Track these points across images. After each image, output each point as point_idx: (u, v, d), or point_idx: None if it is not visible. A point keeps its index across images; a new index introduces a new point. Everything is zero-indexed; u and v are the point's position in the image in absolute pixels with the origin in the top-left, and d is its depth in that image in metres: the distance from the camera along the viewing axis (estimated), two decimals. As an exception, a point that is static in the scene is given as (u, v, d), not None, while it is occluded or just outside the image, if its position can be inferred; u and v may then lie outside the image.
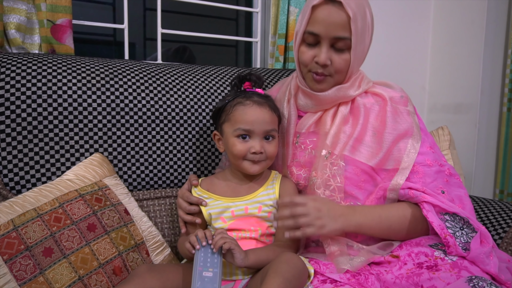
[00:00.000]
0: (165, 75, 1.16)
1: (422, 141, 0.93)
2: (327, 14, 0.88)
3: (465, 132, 1.94)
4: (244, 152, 0.91)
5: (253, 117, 0.91)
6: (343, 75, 0.94)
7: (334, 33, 0.89)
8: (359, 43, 0.90)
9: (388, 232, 0.89)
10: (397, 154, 0.91)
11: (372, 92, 0.98)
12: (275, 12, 1.56)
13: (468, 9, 1.89)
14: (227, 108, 0.95)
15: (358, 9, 0.88)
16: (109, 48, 1.62)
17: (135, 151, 1.09)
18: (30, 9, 1.14)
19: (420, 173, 0.90)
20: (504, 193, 1.90)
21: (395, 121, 0.93)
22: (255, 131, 0.91)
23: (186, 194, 0.97)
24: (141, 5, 1.60)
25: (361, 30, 0.90)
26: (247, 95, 0.95)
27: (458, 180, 0.97)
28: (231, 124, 0.93)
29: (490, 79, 1.90)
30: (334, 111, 0.97)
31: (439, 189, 0.90)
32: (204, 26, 1.74)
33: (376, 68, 1.91)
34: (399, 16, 1.97)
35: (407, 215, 0.89)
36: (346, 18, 0.87)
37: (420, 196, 0.88)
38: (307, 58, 0.93)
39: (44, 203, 0.86)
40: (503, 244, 1.05)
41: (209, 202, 0.95)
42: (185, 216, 0.96)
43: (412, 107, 0.97)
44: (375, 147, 0.93)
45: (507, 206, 1.16)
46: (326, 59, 0.90)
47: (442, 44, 2.03)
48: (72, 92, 1.01)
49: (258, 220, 0.93)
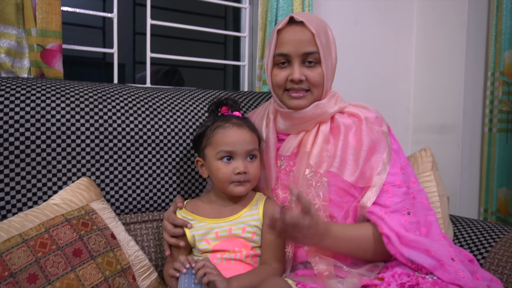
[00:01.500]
0: (153, 99, 1.18)
1: (393, 162, 0.96)
2: (292, 34, 0.95)
3: (449, 152, 1.98)
4: (229, 174, 0.93)
5: (234, 138, 0.93)
6: (319, 90, 0.98)
7: (302, 49, 0.95)
8: (327, 56, 0.97)
9: (356, 252, 0.92)
10: (369, 173, 0.94)
11: (348, 112, 1.02)
12: (262, 37, 1.60)
13: (449, 33, 1.96)
14: (207, 133, 0.96)
15: (319, 27, 0.96)
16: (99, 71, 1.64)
17: (122, 175, 1.09)
18: (20, 34, 1.15)
19: (390, 193, 0.93)
20: (488, 211, 1.93)
21: (370, 140, 0.96)
22: (237, 151, 0.93)
23: (172, 216, 0.98)
24: (131, 29, 1.63)
25: (326, 44, 0.97)
26: (226, 118, 0.97)
27: (423, 203, 1.00)
28: (212, 147, 0.95)
29: (472, 100, 1.96)
30: (315, 130, 1.00)
31: (406, 210, 0.92)
32: (193, 49, 1.77)
33: (362, 90, 1.96)
34: (383, 40, 2.04)
35: (376, 236, 0.91)
36: (310, 35, 0.95)
37: (379, 224, 0.89)
38: (281, 78, 0.98)
39: (30, 228, 0.86)
40: (486, 264, 1.07)
41: (193, 224, 0.95)
42: (169, 239, 0.97)
43: (386, 128, 1.00)
44: (354, 164, 0.95)
45: (489, 226, 1.19)
46: (300, 75, 0.95)
47: (425, 67, 2.09)
48: (61, 116, 1.02)
49: (243, 241, 0.94)
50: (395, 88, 2.11)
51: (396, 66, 2.10)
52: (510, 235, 1.12)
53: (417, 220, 0.94)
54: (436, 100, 2.05)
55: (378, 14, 2.01)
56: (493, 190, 1.91)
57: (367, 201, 0.92)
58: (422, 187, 1.04)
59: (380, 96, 2.05)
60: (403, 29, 2.10)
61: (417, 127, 2.14)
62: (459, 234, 1.20)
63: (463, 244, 1.16)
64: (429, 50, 2.07)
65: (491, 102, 1.91)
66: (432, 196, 1.20)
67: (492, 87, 1.90)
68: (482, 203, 1.95)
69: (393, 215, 0.91)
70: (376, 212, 0.90)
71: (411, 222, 0.91)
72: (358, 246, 0.91)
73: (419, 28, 2.11)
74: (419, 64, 2.12)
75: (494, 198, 1.91)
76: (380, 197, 0.92)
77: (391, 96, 2.10)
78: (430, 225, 0.97)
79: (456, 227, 1.24)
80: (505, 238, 1.11)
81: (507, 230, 1.15)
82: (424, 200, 1.01)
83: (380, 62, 2.04)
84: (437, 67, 2.03)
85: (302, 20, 0.95)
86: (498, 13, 1.85)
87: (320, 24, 0.97)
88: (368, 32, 1.98)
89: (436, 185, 1.21)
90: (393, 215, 0.91)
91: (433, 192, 1.20)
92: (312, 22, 0.95)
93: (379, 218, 0.89)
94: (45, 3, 1.13)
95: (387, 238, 0.87)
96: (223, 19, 1.86)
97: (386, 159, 0.94)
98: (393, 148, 0.99)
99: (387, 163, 0.94)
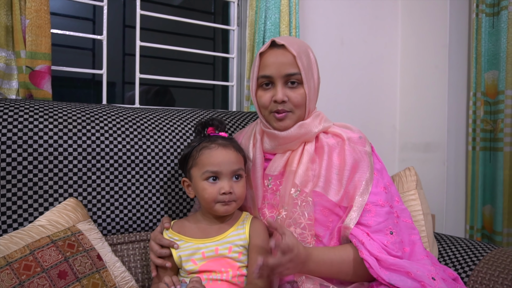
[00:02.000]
0: (141, 119, 1.19)
1: (376, 181, 0.98)
2: (274, 57, 0.99)
3: (434, 170, 2.01)
4: (215, 195, 0.94)
5: (219, 158, 0.95)
6: (302, 110, 1.01)
7: (284, 71, 0.98)
8: (308, 77, 0.99)
9: (337, 275, 0.92)
10: (352, 192, 0.95)
11: (332, 132, 1.04)
12: (250, 58, 1.63)
13: (432, 55, 2.03)
14: (193, 154, 0.98)
15: (301, 49, 0.99)
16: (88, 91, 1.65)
17: (110, 195, 1.09)
18: (9, 56, 1.17)
19: (372, 212, 0.94)
20: (474, 229, 1.96)
21: (353, 160, 0.97)
22: (222, 172, 0.94)
23: (159, 236, 0.98)
24: (120, 50, 1.65)
25: (307, 66, 0.99)
26: (212, 139, 0.99)
27: (406, 222, 1.01)
28: (198, 168, 0.96)
29: (455, 119, 2.01)
30: (301, 150, 1.02)
31: (389, 230, 0.94)
32: (183, 70, 1.80)
33: (349, 108, 2.00)
34: (369, 60, 2.09)
35: (356, 259, 0.91)
36: (291, 57, 0.98)
37: (359, 249, 0.90)
38: (266, 100, 1.00)
39: (14, 250, 0.85)
40: (470, 282, 1.09)
41: (180, 244, 0.95)
42: (156, 259, 0.97)
43: (369, 148, 1.01)
44: (338, 184, 0.97)
45: (473, 244, 1.21)
46: (283, 96, 0.98)
47: (410, 87, 2.15)
48: (48, 138, 1.02)
49: (229, 261, 0.94)
50: (381, 107, 2.15)
51: (382, 85, 2.15)
52: (493, 253, 1.14)
53: (400, 240, 0.95)
54: (421, 119, 2.09)
55: (363, 35, 2.07)
56: (478, 207, 1.94)
57: (350, 222, 0.93)
58: (405, 206, 1.05)
59: (367, 115, 2.09)
60: (388, 50, 2.16)
61: (403, 146, 2.18)
62: (444, 252, 1.21)
63: (448, 262, 1.18)
64: (413, 70, 2.13)
65: (473, 121, 1.96)
66: (417, 215, 1.22)
67: (474, 107, 1.96)
68: (468, 220, 1.97)
69: (376, 235, 0.92)
70: (358, 236, 0.91)
71: (394, 242, 0.93)
72: (339, 270, 0.91)
73: (403, 49, 2.18)
74: (404, 83, 2.18)
75: (479, 216, 1.94)
76: (363, 217, 0.93)
77: (378, 114, 2.14)
78: (413, 244, 0.98)
79: (441, 245, 1.25)
80: (488, 256, 1.13)
81: (490, 248, 1.17)
82: (407, 219, 1.02)
83: (367, 82, 2.09)
84: (421, 87, 2.09)
85: (283, 43, 0.98)
86: (478, 36, 1.92)
87: (301, 46, 1.00)
88: (354, 52, 2.03)
89: (421, 204, 1.23)
90: (376, 236, 0.92)
91: (417, 210, 1.22)
92: (293, 44, 0.98)
93: (359, 242, 0.90)
94: (35, 26, 1.15)
95: (367, 263, 0.88)
96: (212, 41, 1.90)
97: (368, 178, 0.96)
98: (376, 167, 1.01)
99: (369, 182, 0.96)
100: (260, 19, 1.59)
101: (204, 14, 1.86)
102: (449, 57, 1.96)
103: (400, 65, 2.19)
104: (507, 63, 1.83)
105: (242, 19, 1.76)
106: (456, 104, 2.01)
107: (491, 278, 1.06)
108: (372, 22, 2.09)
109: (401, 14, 2.17)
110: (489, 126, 1.95)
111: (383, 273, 0.86)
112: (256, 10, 1.61)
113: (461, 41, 2.01)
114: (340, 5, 1.97)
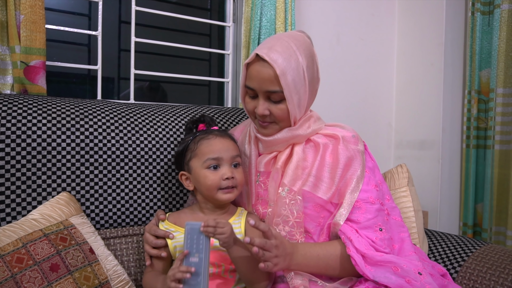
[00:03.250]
0: (135, 115, 1.20)
1: (367, 179, 0.98)
2: (257, 71, 0.95)
3: (429, 167, 2.03)
4: (217, 181, 0.96)
5: (218, 146, 0.98)
6: (286, 122, 1.00)
7: (265, 87, 0.95)
8: (293, 94, 0.95)
9: (326, 270, 0.93)
10: (343, 189, 0.97)
11: (324, 134, 1.04)
12: (246, 54, 1.64)
13: (428, 53, 2.03)
14: (191, 146, 1.00)
15: (288, 64, 0.93)
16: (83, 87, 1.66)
17: (103, 190, 1.10)
18: (4, 51, 1.17)
19: (363, 209, 0.95)
20: (467, 225, 1.97)
21: (346, 158, 0.98)
22: (223, 158, 0.97)
23: (153, 228, 1.00)
24: (116, 46, 1.65)
25: (292, 82, 0.94)
26: (207, 131, 1.02)
27: (396, 220, 1.02)
28: (198, 158, 0.98)
29: (450, 117, 2.02)
30: (289, 150, 1.02)
31: (378, 226, 0.95)
32: (178, 66, 1.81)
33: (345, 107, 2.01)
34: (365, 59, 2.10)
35: (343, 254, 0.93)
36: (274, 74, 0.93)
37: (347, 245, 0.91)
38: (250, 108, 1.01)
39: (7, 243, 0.87)
40: (458, 278, 1.10)
41: (175, 235, 0.97)
42: (151, 250, 0.98)
43: (362, 146, 1.02)
44: (330, 182, 0.98)
45: (462, 241, 1.22)
46: (263, 110, 0.97)
47: (406, 85, 2.16)
48: (42, 132, 1.03)
49: (223, 254, 0.95)
50: (377, 105, 2.16)
51: (378, 83, 2.16)
52: (482, 249, 1.15)
53: (390, 237, 0.96)
54: (416, 116, 2.10)
55: (360, 33, 2.07)
56: (470, 205, 1.95)
57: (340, 218, 0.94)
58: (396, 204, 1.07)
59: (363, 113, 2.10)
60: (384, 48, 2.17)
61: (398, 143, 2.19)
62: (434, 248, 1.23)
63: (438, 258, 1.19)
64: (409, 68, 2.14)
65: (468, 119, 1.97)
66: (408, 211, 1.23)
67: (469, 105, 1.96)
68: (461, 217, 1.99)
69: (364, 231, 0.93)
70: (346, 232, 0.92)
71: (383, 239, 0.94)
72: (326, 264, 0.93)
73: (399, 47, 2.18)
74: (400, 81, 2.19)
75: (472, 213, 1.96)
76: (353, 213, 0.95)
77: (374, 113, 2.15)
78: (402, 241, 0.99)
79: (431, 241, 1.27)
80: (477, 253, 1.14)
81: (479, 244, 1.18)
82: (397, 217, 1.03)
83: (363, 80, 2.09)
84: (417, 85, 2.10)
85: (266, 59, 0.92)
86: (473, 34, 1.93)
87: (288, 60, 0.93)
88: (350, 50, 2.04)
89: (412, 200, 1.25)
90: (364, 232, 0.93)
91: (408, 207, 1.24)
92: (278, 60, 0.92)
93: (348, 239, 0.91)
94: (30, 21, 1.16)
95: (354, 260, 0.89)
96: (208, 37, 1.91)
97: (359, 176, 0.97)
98: (369, 166, 1.02)
99: (360, 180, 0.97)
100: (256, 15, 1.59)
101: (200, 10, 1.87)
102: (445, 55, 1.97)
103: (396, 62, 2.19)
104: (498, 61, 1.84)
105: (238, 15, 1.77)
106: (451, 102, 2.02)
107: (479, 274, 1.07)
108: (369, 20, 2.09)
109: (397, 12, 2.18)
110: (483, 124, 1.96)
111: (368, 271, 0.88)
112: (252, 7, 1.62)
113: (456, 40, 2.02)
114: (336, 3, 1.98)
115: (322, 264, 0.92)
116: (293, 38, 0.99)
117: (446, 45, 1.96)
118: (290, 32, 1.07)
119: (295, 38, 0.99)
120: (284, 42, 0.96)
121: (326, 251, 0.93)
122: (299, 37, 1.01)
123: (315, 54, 1.02)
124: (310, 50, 1.00)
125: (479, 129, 1.96)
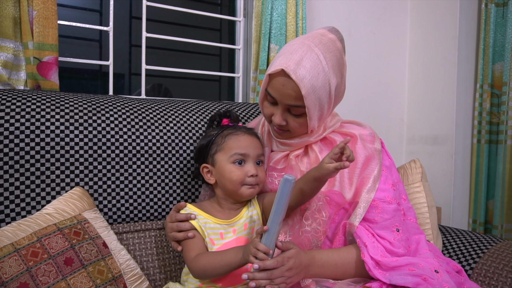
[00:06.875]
0: (147, 110, 1.20)
1: (385, 178, 0.97)
2: (281, 84, 0.92)
3: (442, 163, 2.00)
4: (242, 177, 0.97)
5: (246, 142, 0.99)
6: (302, 132, 0.99)
7: (287, 102, 0.93)
8: (316, 111, 0.93)
9: (342, 276, 0.93)
10: (360, 188, 0.95)
11: (341, 132, 1.02)
12: (256, 49, 1.63)
13: (441, 47, 2.00)
14: (217, 140, 1.01)
15: (315, 82, 0.89)
16: (95, 82, 1.67)
17: (115, 185, 1.11)
18: (17, 47, 1.18)
19: (379, 209, 0.94)
20: (476, 222, 1.95)
21: (363, 157, 0.97)
22: (250, 155, 0.98)
23: (174, 214, 0.99)
24: (127, 41, 1.66)
25: (317, 101, 0.91)
26: (234, 127, 1.03)
27: (412, 221, 1.01)
28: (225, 152, 0.99)
29: (464, 112, 1.99)
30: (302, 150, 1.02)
31: (395, 227, 0.94)
32: (189, 61, 1.80)
33: (357, 101, 1.99)
34: (377, 53, 2.07)
35: (359, 259, 0.91)
36: (299, 92, 0.89)
37: (362, 251, 0.89)
38: (267, 113, 1.00)
39: (22, 237, 0.88)
40: (473, 275, 1.09)
41: (199, 219, 0.97)
42: (177, 234, 0.96)
43: (379, 145, 1.00)
44: (349, 182, 0.97)
45: (477, 237, 1.20)
46: (280, 121, 0.96)
47: (418, 79, 2.13)
48: (55, 128, 1.04)
49: (245, 239, 0.97)
50: (389, 100, 2.14)
51: (390, 78, 2.13)
52: (497, 246, 1.13)
53: (406, 237, 0.95)
54: (429, 111, 2.07)
55: (371, 27, 2.05)
56: (481, 201, 1.92)
57: (355, 218, 0.92)
58: (411, 205, 1.05)
59: (375, 108, 2.08)
60: (396, 42, 2.14)
61: (411, 138, 2.17)
62: (448, 245, 1.21)
63: (452, 254, 1.18)
64: (422, 62, 2.11)
65: (479, 114, 1.94)
66: (421, 207, 1.22)
67: (481, 99, 1.93)
68: (471, 214, 1.96)
69: (382, 232, 0.92)
70: (362, 237, 0.91)
71: (400, 240, 0.93)
72: (344, 272, 0.92)
73: (412, 41, 2.15)
74: (412, 76, 2.16)
75: (483, 210, 1.93)
76: (369, 213, 0.93)
77: (386, 107, 2.13)
78: (417, 243, 0.98)
79: (445, 237, 1.25)
80: (492, 249, 1.12)
81: (495, 241, 1.16)
82: (412, 219, 1.02)
83: (375, 74, 2.07)
84: (430, 79, 2.07)
85: (293, 78, 0.88)
86: (486, 27, 1.89)
87: (316, 78, 0.89)
88: (362, 44, 2.02)
89: (426, 196, 1.23)
90: (382, 232, 0.92)
91: (422, 203, 1.22)
92: (305, 79, 0.88)
93: (363, 244, 0.90)
94: (42, 17, 1.16)
95: (367, 266, 0.88)
96: (219, 32, 1.90)
97: (376, 175, 0.95)
98: (385, 164, 1.00)
99: (377, 179, 0.95)
100: (267, 10, 1.58)
101: (210, 5, 1.86)
102: (459, 49, 1.94)
103: (408, 57, 2.16)
104: None
105: (249, 10, 1.75)
106: (464, 97, 1.99)
107: (495, 271, 1.06)
108: (381, 13, 2.07)
109: (410, 5, 2.15)
110: (496, 119, 1.92)
111: (382, 276, 0.87)
112: (262, 1, 1.60)
113: (471, 33, 1.98)
114: (347, -4, 1.96)
115: (340, 271, 0.92)
116: (324, 47, 0.92)
117: (460, 38, 1.93)
118: (321, 34, 0.97)
119: (326, 47, 0.92)
120: (314, 54, 0.90)
121: (344, 259, 0.92)
122: (331, 44, 0.94)
123: (345, 63, 0.97)
124: (340, 63, 0.95)
125: (491, 124, 1.93)
